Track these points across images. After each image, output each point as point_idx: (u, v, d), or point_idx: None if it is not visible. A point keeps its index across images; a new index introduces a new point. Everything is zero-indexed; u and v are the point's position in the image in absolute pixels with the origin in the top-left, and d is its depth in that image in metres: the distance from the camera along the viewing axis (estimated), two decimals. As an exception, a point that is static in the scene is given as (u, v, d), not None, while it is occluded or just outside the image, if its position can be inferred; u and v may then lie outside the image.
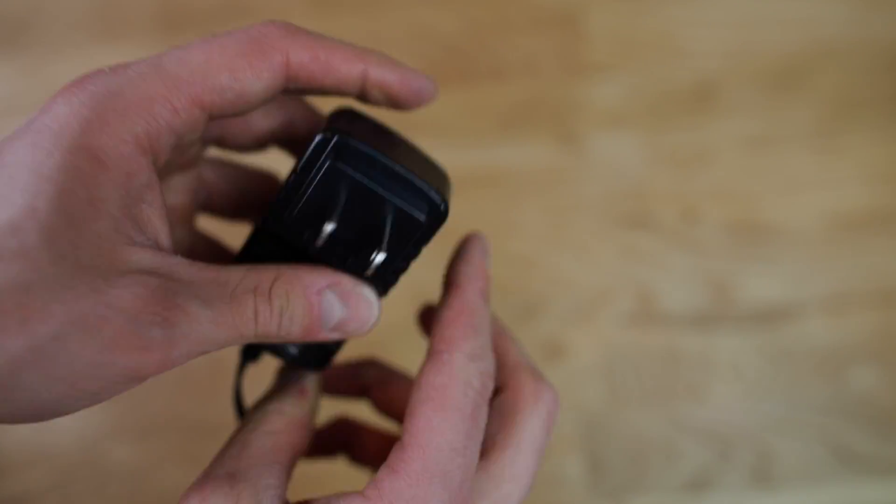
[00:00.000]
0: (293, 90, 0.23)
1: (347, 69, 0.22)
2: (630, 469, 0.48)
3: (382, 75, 0.23)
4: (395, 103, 0.24)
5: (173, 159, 0.24)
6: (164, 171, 0.25)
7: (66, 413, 0.19)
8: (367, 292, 0.23)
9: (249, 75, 0.21)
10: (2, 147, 0.19)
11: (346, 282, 0.23)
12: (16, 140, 0.19)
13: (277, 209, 0.22)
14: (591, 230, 0.50)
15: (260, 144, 0.26)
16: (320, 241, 0.23)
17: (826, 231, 0.50)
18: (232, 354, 0.28)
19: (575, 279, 0.50)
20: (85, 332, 0.17)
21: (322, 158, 0.21)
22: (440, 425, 0.22)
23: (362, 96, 0.24)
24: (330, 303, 0.22)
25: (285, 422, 0.24)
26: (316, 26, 0.23)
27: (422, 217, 0.23)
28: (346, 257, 0.23)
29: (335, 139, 0.21)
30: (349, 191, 0.22)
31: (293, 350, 0.26)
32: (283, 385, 0.26)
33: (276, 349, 0.26)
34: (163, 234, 0.21)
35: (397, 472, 0.21)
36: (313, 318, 0.22)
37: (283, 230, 0.23)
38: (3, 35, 0.53)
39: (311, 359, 0.27)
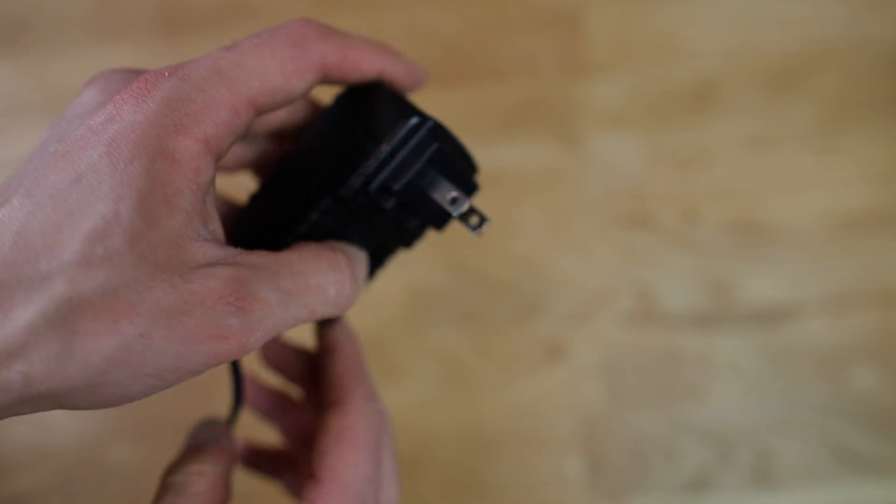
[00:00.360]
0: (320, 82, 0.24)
1: (370, 67, 0.25)
2: (630, 469, 0.48)
3: (394, 70, 0.26)
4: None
5: None
6: None
7: (141, 398, 0.20)
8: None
9: (296, 78, 0.23)
10: (71, 156, 0.19)
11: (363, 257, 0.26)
12: (88, 150, 0.19)
13: (363, 183, 0.24)
14: (591, 230, 0.50)
15: (270, 132, 0.28)
16: (424, 210, 0.25)
17: (826, 231, 0.50)
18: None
19: (575, 279, 0.50)
20: (168, 327, 0.19)
21: (420, 140, 0.24)
22: (354, 459, 0.25)
23: None
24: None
25: (207, 482, 0.25)
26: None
27: (477, 181, 0.26)
28: (407, 222, 0.26)
29: (432, 124, 0.24)
30: (441, 166, 0.24)
31: None
32: (199, 444, 0.26)
33: None
34: (218, 226, 0.22)
35: None
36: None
37: (364, 201, 0.24)
38: (3, 35, 0.53)
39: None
